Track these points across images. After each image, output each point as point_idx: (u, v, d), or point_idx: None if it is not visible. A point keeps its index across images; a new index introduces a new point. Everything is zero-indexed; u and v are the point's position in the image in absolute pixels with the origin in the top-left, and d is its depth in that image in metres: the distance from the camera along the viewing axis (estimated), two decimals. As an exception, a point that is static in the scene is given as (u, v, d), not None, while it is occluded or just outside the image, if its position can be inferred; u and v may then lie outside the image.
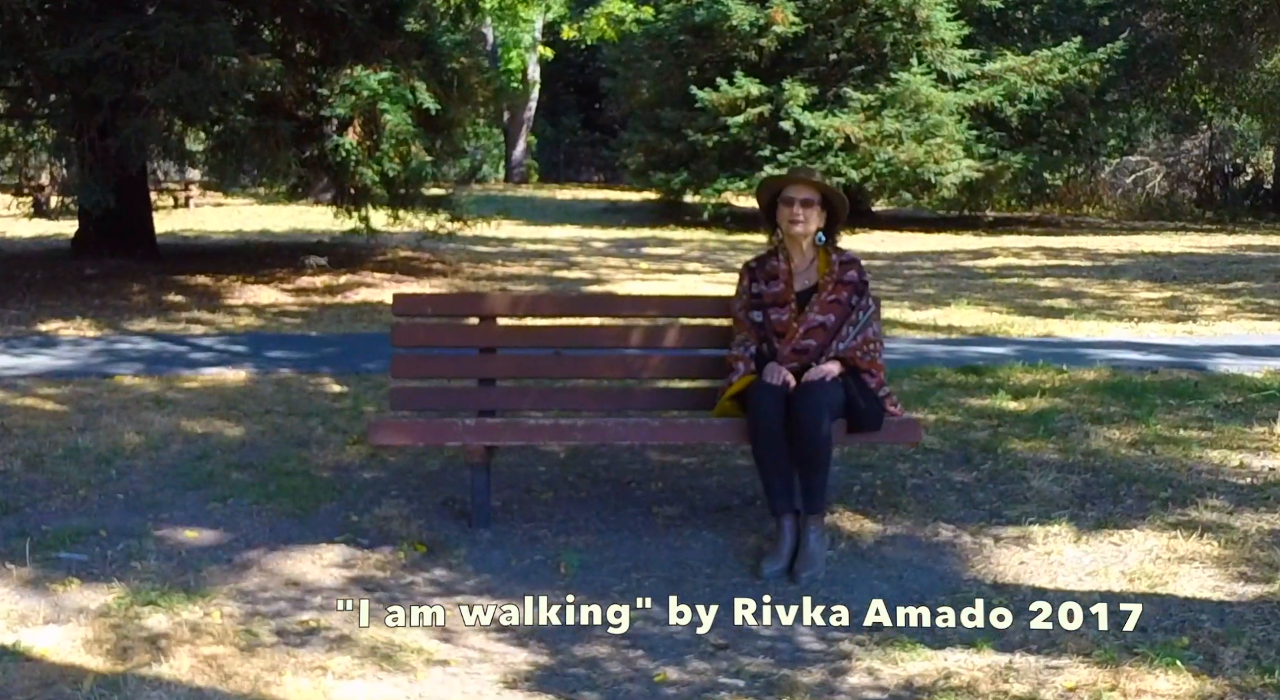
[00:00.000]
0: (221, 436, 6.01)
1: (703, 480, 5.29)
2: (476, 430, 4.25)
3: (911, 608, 3.82)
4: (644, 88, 25.42)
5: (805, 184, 4.59)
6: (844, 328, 4.52)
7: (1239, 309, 11.73)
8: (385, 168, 12.33)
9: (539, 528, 4.63)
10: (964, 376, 7.53)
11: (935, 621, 3.75)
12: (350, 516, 4.76)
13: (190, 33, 10.37)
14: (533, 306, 5.02)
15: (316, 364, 8.11)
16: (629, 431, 4.24)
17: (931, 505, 4.86)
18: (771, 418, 4.24)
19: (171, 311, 10.96)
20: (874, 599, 3.88)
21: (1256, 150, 34.39)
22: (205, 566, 4.25)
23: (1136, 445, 5.75)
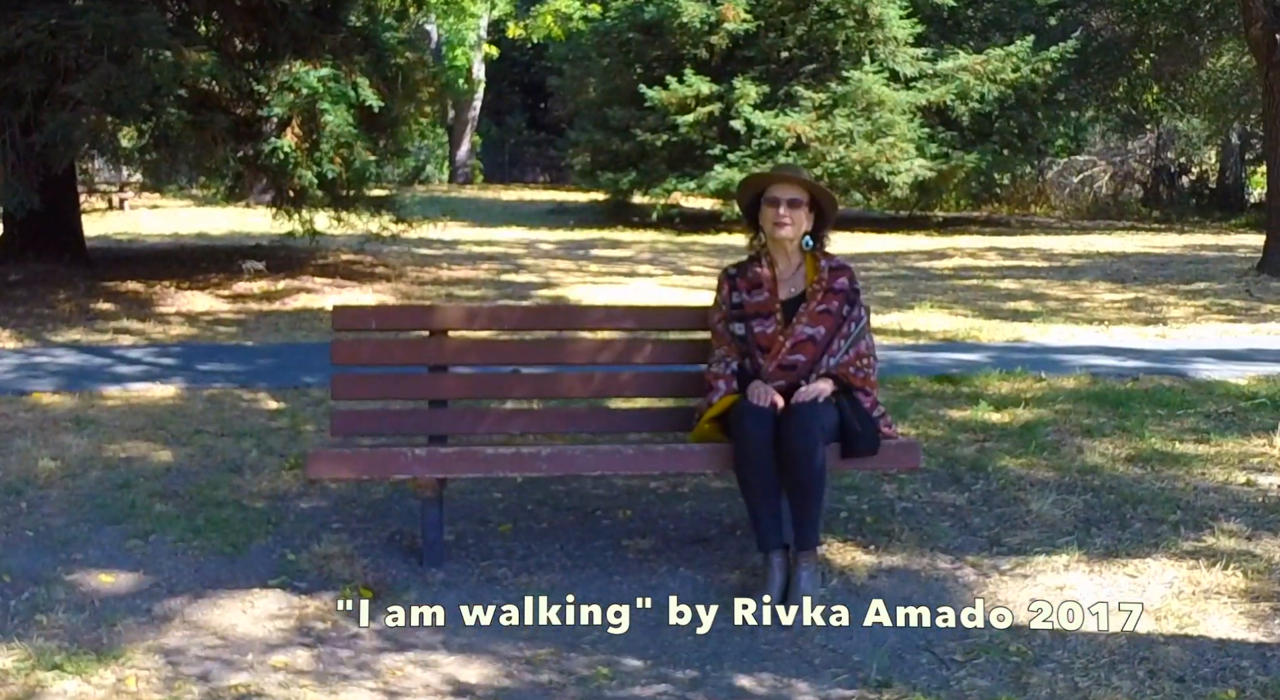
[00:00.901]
0: (146, 461, 5.49)
1: (675, 506, 4.84)
2: (427, 461, 3.76)
3: (919, 656, 3.42)
4: (591, 86, 25.00)
5: (792, 182, 4.15)
6: (835, 341, 4.09)
7: (1206, 310, 11.51)
8: (325, 169, 11.77)
9: (497, 565, 4.17)
10: (940, 385, 7.16)
11: (949, 675, 3.34)
12: (286, 555, 4.28)
13: (120, 23, 9.77)
14: (490, 319, 4.51)
15: (252, 377, 7.58)
16: (599, 461, 3.77)
17: (926, 533, 4.45)
18: (758, 443, 3.79)
19: (99, 320, 10.37)
20: (876, 647, 3.47)
21: (1200, 150, 34.60)
22: (121, 619, 3.75)
23: (1134, 461, 5.39)
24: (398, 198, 14.51)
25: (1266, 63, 14.42)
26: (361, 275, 13.92)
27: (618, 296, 12.23)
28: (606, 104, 23.56)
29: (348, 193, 13.08)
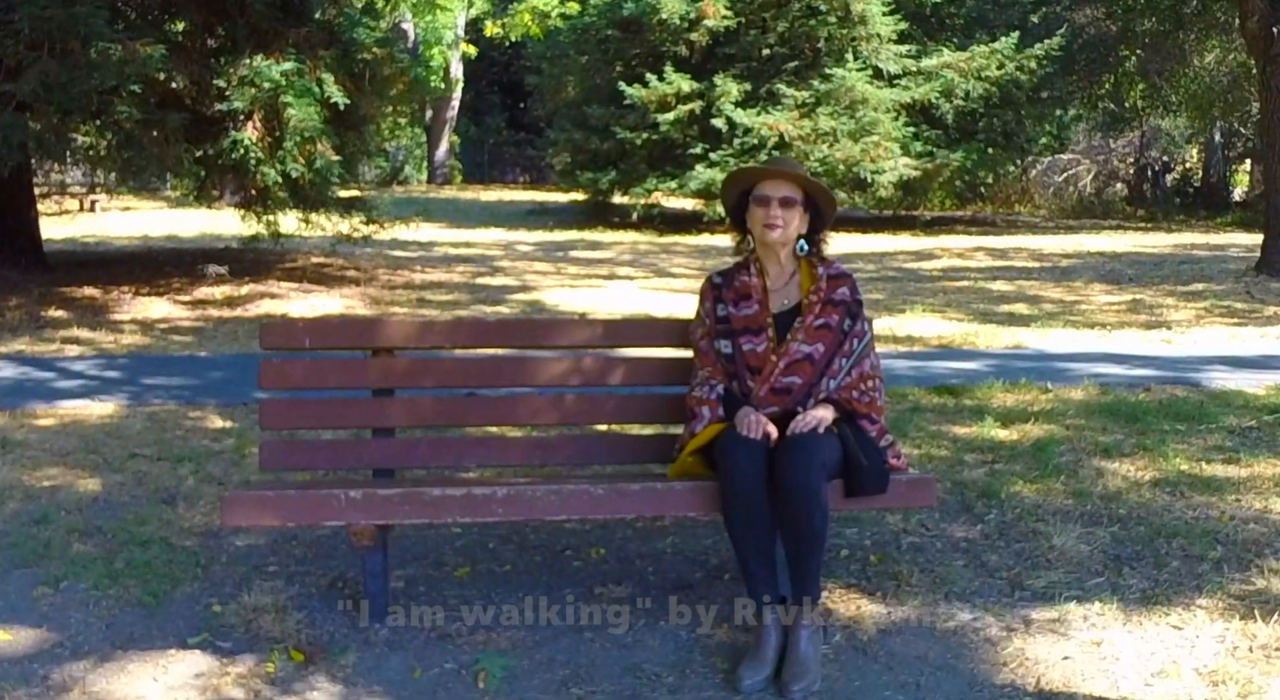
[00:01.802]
0: (70, 491, 4.95)
1: (655, 543, 4.32)
2: (363, 505, 3.20)
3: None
4: (570, 84, 24.54)
5: (784, 178, 3.62)
6: (835, 360, 3.56)
7: (1208, 313, 11.07)
8: (289, 168, 11.21)
9: (451, 619, 3.64)
10: (940, 398, 6.67)
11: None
12: (212, 606, 3.74)
13: (58, 15, 9.21)
14: (443, 335, 3.95)
15: (200, 393, 7.03)
16: (564, 504, 3.22)
17: (939, 575, 3.95)
18: (749, 482, 3.26)
19: (48, 329, 9.81)
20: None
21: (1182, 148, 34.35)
22: (10, 690, 3.22)
23: (1160, 486, 4.90)
24: (370, 198, 13.99)
25: (1264, 57, 14.00)
26: (330, 279, 13.39)
27: (597, 300, 11.72)
28: (586, 102, 23.12)
29: (315, 193, 12.53)
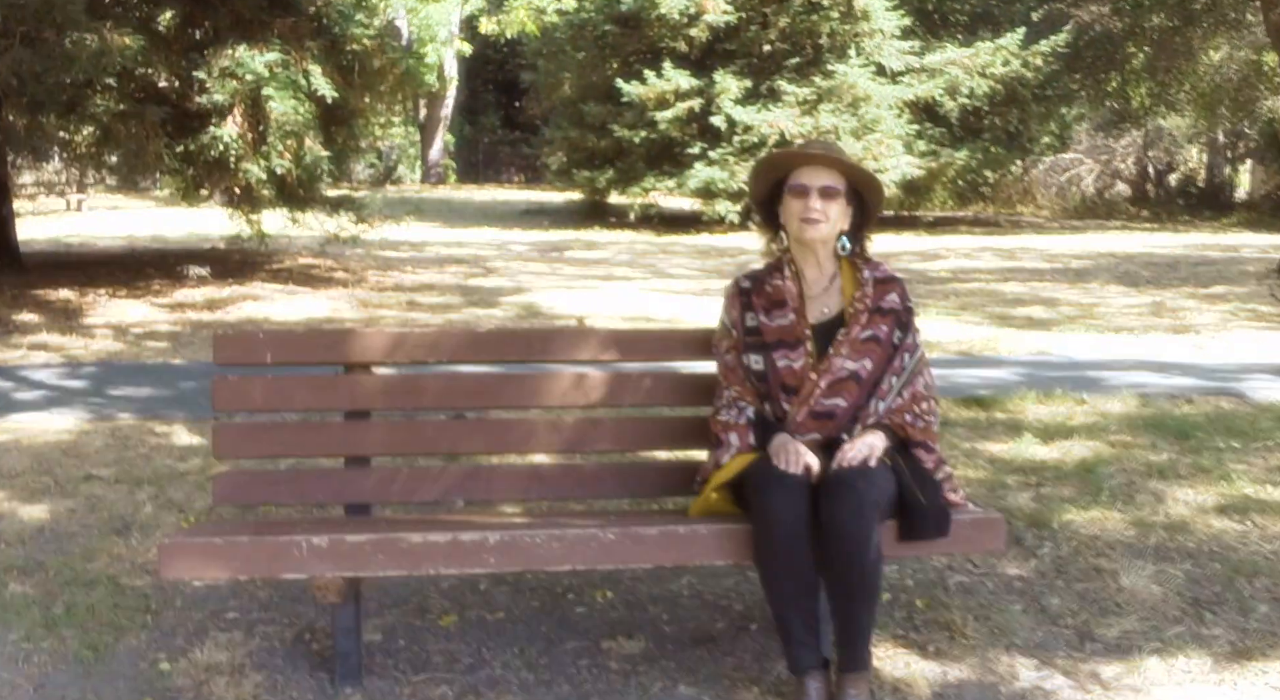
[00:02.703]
0: (13, 520, 4.44)
1: (670, 585, 3.80)
2: (329, 555, 2.66)
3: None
4: (567, 81, 24.03)
5: (825, 164, 3.09)
6: (885, 379, 3.04)
7: (1234, 316, 10.59)
8: (273, 163, 10.70)
9: (436, 682, 3.12)
10: (970, 411, 6.17)
11: None
12: (159, 663, 3.22)
13: (34, 3, 8.72)
14: (426, 347, 3.39)
15: (169, 405, 6.52)
16: (570, 552, 2.70)
17: (995, 623, 3.44)
18: (789, 526, 2.74)
19: (16, 334, 9.27)
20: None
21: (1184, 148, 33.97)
22: (-94, 772, 2.71)
23: (1228, 513, 4.40)
24: (359, 196, 13.49)
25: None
26: (317, 280, 12.88)
27: (595, 302, 11.20)
28: (582, 100, 22.63)
29: (302, 190, 12.02)
